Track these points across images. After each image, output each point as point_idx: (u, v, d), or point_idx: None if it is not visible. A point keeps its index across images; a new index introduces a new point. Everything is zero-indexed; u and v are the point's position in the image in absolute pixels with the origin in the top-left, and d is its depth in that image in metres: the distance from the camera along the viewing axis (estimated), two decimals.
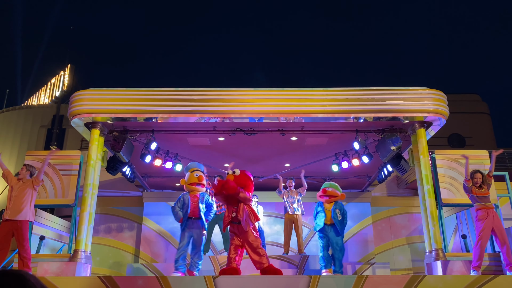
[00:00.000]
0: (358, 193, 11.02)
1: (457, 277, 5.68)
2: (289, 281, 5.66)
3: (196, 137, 8.11)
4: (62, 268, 6.03)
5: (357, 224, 10.63)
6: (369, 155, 7.80)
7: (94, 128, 7.25)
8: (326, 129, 7.68)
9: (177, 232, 10.56)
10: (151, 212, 10.70)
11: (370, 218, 10.66)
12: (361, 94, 7.06)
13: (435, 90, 7.18)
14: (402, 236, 10.58)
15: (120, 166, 7.97)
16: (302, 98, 7.04)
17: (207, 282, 5.55)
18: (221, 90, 7.18)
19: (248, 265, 7.74)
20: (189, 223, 6.54)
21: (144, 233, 10.51)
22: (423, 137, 7.22)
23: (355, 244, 10.47)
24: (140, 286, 5.56)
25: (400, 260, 10.32)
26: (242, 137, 7.87)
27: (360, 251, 10.37)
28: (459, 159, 7.40)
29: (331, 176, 10.08)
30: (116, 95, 7.13)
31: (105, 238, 10.54)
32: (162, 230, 10.58)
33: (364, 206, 10.79)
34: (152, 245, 10.42)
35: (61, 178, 7.17)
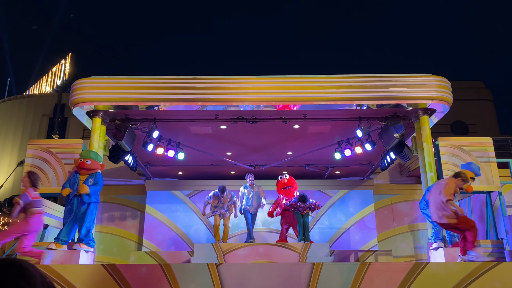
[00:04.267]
0: (360, 181, 11.01)
1: (460, 264, 5.69)
2: (292, 268, 5.69)
3: (198, 126, 8.08)
4: (66, 257, 6.06)
5: (359, 211, 10.64)
6: (372, 142, 7.77)
7: (96, 116, 7.23)
8: (329, 116, 7.65)
9: (180, 220, 10.62)
10: (154, 201, 10.73)
11: (372, 205, 10.67)
12: (364, 81, 7.00)
13: (439, 76, 7.11)
14: (404, 223, 10.59)
15: (123, 155, 7.96)
16: (305, 85, 6.99)
17: (210, 270, 5.58)
18: (223, 77, 7.14)
19: (251, 252, 7.78)
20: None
21: (147, 221, 10.55)
22: (426, 124, 7.18)
23: (357, 231, 10.50)
24: (143, 273, 5.59)
25: (403, 247, 10.36)
26: (244, 125, 7.84)
27: (362, 238, 10.41)
28: (463, 146, 7.36)
29: (333, 164, 10.07)
30: (117, 83, 7.10)
31: (108, 226, 10.59)
32: (165, 218, 10.62)
33: (366, 194, 10.79)
34: (155, 233, 10.46)
35: (64, 167, 7.18)
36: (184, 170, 10.68)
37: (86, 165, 6.36)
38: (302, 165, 10.25)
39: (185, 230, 10.55)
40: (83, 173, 6.36)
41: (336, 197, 10.84)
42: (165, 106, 7.22)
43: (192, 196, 10.83)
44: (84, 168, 6.33)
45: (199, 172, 10.65)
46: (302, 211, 8.31)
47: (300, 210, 8.30)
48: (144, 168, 10.11)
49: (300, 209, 8.31)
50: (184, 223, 10.63)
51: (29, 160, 7.26)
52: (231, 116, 7.61)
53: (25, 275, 0.85)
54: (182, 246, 10.25)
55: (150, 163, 10.10)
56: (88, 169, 6.33)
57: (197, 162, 10.04)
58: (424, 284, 5.47)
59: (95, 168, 6.39)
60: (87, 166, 6.37)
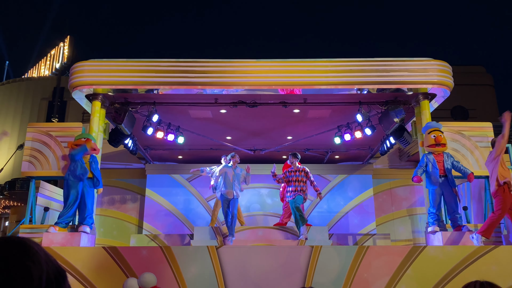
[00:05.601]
0: (360, 166, 11.06)
1: (457, 248, 5.75)
2: (291, 251, 5.75)
3: (197, 110, 8.07)
4: (67, 239, 6.12)
5: (358, 196, 10.69)
6: (371, 127, 7.77)
7: (95, 100, 7.21)
8: (329, 101, 7.63)
9: (180, 204, 10.68)
10: (154, 184, 10.77)
11: (371, 190, 10.72)
12: (364, 65, 6.97)
13: (440, 61, 7.08)
14: (403, 207, 10.65)
15: (122, 139, 7.96)
16: (305, 69, 6.97)
17: (210, 252, 5.64)
18: (223, 61, 7.11)
19: (250, 235, 7.85)
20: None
21: (147, 204, 10.61)
22: (426, 109, 7.17)
23: (356, 215, 10.58)
24: (144, 256, 5.66)
25: (401, 231, 10.45)
26: (244, 109, 7.83)
27: (361, 222, 10.48)
28: (463, 131, 7.36)
29: (333, 148, 10.08)
30: (117, 66, 7.07)
31: (109, 209, 10.64)
32: (165, 202, 10.67)
33: (365, 178, 10.83)
34: (155, 216, 10.53)
35: (63, 150, 7.18)
36: (184, 154, 10.69)
37: (80, 141, 6.40)
38: (302, 150, 10.26)
39: (185, 213, 10.61)
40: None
41: (335, 181, 10.88)
42: (164, 89, 7.20)
43: (192, 180, 10.87)
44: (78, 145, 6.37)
45: (199, 156, 10.67)
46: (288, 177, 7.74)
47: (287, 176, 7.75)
48: (144, 152, 10.12)
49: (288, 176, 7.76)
50: (184, 206, 10.69)
51: (29, 144, 7.27)
52: (231, 100, 7.59)
53: (29, 253, 0.86)
54: (182, 229, 10.33)
55: (150, 147, 10.11)
56: (77, 145, 6.36)
57: (197, 146, 10.05)
58: (421, 267, 5.55)
59: (81, 144, 6.38)
60: (81, 142, 6.38)
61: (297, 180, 7.73)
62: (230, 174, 7.63)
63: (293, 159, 7.97)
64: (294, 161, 7.94)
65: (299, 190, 7.65)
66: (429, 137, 6.49)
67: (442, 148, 6.45)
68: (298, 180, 7.73)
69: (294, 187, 7.69)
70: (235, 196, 7.54)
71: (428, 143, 6.50)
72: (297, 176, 7.76)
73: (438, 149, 6.43)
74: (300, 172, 7.80)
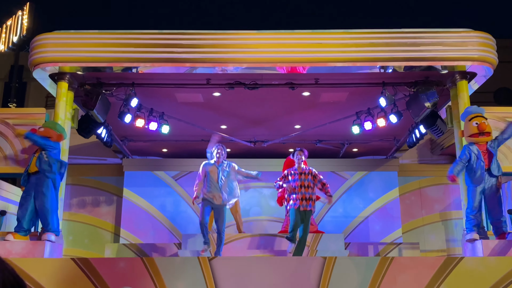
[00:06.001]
0: (383, 161, 11.05)
1: (500, 259, 5.76)
2: (299, 263, 5.77)
3: (186, 92, 8.06)
4: (29, 248, 6.14)
5: (381, 197, 10.70)
6: (398, 113, 7.76)
7: (61, 80, 7.19)
8: (346, 81, 7.61)
9: (165, 207, 10.70)
10: (133, 183, 10.79)
11: (397, 190, 10.73)
12: (390, 37, 6.95)
13: (481, 32, 7.05)
14: (435, 211, 10.66)
15: (94, 127, 7.97)
16: (317, 42, 6.94)
17: (202, 265, 5.66)
18: (217, 33, 7.09)
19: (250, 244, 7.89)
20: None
21: (125, 208, 10.64)
22: (465, 91, 7.15)
23: (378, 220, 10.60)
24: (121, 269, 5.67)
25: (432, 239, 10.47)
26: (243, 92, 7.82)
27: (384, 229, 10.52)
28: (508, 117, 7.34)
29: (351, 139, 10.08)
30: (87, 40, 7.05)
31: (79, 213, 10.67)
32: (146, 204, 10.70)
33: (390, 176, 10.84)
34: (135, 222, 10.56)
35: (23, 142, 7.18)
36: (170, 146, 10.69)
37: (38, 132, 6.41)
38: (312, 141, 10.25)
39: (172, 218, 10.65)
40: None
41: (353, 179, 10.89)
42: (145, 67, 7.20)
43: (179, 178, 10.88)
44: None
45: (188, 150, 10.68)
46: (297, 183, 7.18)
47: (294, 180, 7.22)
48: (121, 143, 10.13)
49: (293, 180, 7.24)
50: (170, 210, 10.72)
51: None
52: (227, 80, 7.58)
53: None
54: (167, 237, 10.37)
55: (128, 138, 10.11)
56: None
57: (185, 137, 10.04)
58: (457, 283, 5.56)
59: (48, 136, 6.41)
60: (39, 132, 6.41)
61: (303, 186, 7.20)
62: (215, 172, 7.12)
63: (300, 156, 7.42)
64: (300, 159, 7.38)
65: (307, 198, 7.16)
66: (470, 125, 6.46)
67: (487, 137, 6.41)
68: (304, 185, 7.20)
69: (301, 194, 7.17)
70: (223, 201, 7.06)
71: (469, 132, 6.47)
72: (303, 180, 7.23)
73: (482, 138, 6.40)
74: (306, 175, 7.27)
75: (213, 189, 7.05)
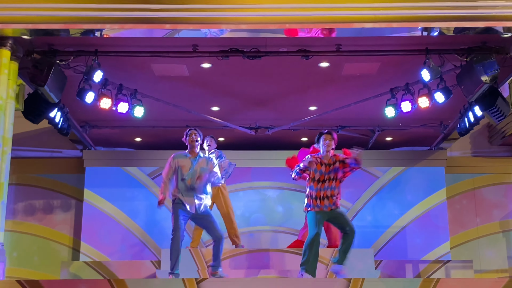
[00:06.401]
0: (426, 153, 11.03)
1: None
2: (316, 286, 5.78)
3: (166, 63, 8.03)
4: None
5: (423, 200, 10.72)
6: (445, 90, 7.71)
7: (1, 47, 7.15)
8: (377, 48, 7.57)
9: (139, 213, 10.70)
10: (97, 183, 10.77)
11: (443, 191, 10.71)
12: None
13: None
14: (494, 219, 10.65)
15: (46, 110, 7.94)
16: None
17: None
18: None
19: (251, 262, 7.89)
20: None
21: (86, 214, 10.62)
22: None
23: (419, 231, 10.60)
24: None
25: (490, 256, 10.47)
26: (241, 62, 7.77)
27: (426, 242, 10.51)
28: None
29: (383, 125, 10.06)
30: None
31: (26, 222, 10.68)
32: (114, 210, 10.69)
33: (434, 173, 10.82)
34: (99, 233, 10.56)
35: None
36: (144, 135, 10.67)
37: None
38: (333, 128, 10.22)
39: (148, 228, 10.65)
40: None
41: (386, 178, 10.89)
42: (112, 30, 7.16)
43: (156, 176, 10.87)
44: None
45: (168, 139, 10.64)
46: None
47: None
48: (81, 131, 10.10)
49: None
50: (145, 218, 10.73)
51: None
52: (219, 47, 7.53)
53: None
54: (143, 253, 10.39)
55: (90, 124, 10.09)
56: None
57: (165, 123, 10.02)
58: None
59: None
60: None
61: (329, 179, 7.19)
62: (187, 168, 6.95)
63: (329, 141, 7.00)
64: (329, 145, 7.01)
65: (328, 196, 7.02)
66: None
67: None
68: (330, 178, 7.14)
69: (324, 191, 7.05)
70: (197, 206, 6.84)
71: None
72: (330, 173, 6.94)
73: None
74: (333, 165, 6.95)
75: (186, 193, 6.94)
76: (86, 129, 10.18)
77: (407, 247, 10.47)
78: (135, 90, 8.58)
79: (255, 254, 8.10)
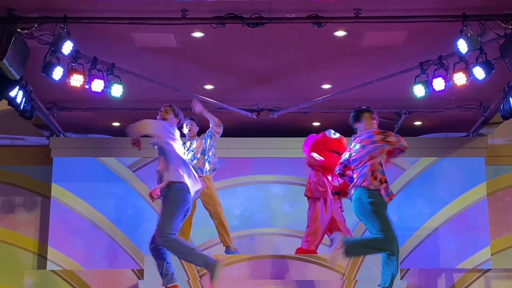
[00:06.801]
0: (462, 140, 11.07)
1: None
2: None
3: (149, 32, 8.05)
4: None
5: (458, 197, 10.77)
6: (486, 65, 7.70)
7: None
8: (404, 14, 7.56)
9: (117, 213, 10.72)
10: (67, 176, 10.81)
11: (483, 186, 10.75)
12: None
13: None
14: None
15: (5, 88, 7.98)
16: None
17: None
18: None
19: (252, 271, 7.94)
20: None
21: (54, 214, 10.65)
22: None
23: (453, 234, 10.65)
24: None
25: None
26: (240, 31, 7.79)
27: (463, 247, 10.56)
28: None
29: (411, 106, 10.10)
30: None
31: None
32: (88, 209, 10.71)
33: (473, 165, 10.86)
34: (70, 236, 10.60)
35: None
36: (124, 118, 10.67)
37: None
38: (350, 110, 10.21)
39: (127, 231, 10.70)
40: None
41: (414, 170, 10.94)
42: None
43: (138, 169, 10.91)
44: None
45: None
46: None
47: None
48: (47, 114, 10.13)
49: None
50: (125, 218, 10.77)
51: None
52: (214, 13, 7.51)
53: None
54: (122, 260, 10.43)
55: (58, 105, 10.10)
56: None
57: (148, 104, 9.98)
58: None
59: None
60: None
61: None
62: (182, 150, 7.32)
63: (374, 119, 7.14)
64: (371, 125, 7.10)
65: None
66: None
67: None
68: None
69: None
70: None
71: None
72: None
73: None
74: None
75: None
76: (53, 112, 10.19)
77: (439, 253, 10.50)
78: (112, 65, 8.58)
79: (257, 262, 8.11)
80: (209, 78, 9.50)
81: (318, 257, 8.10)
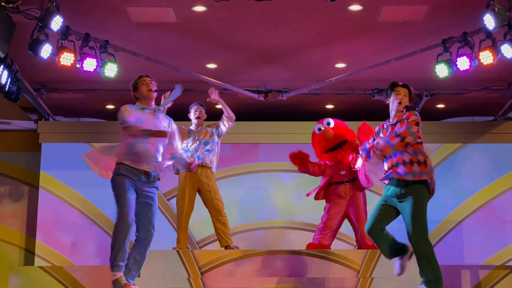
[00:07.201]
0: (489, 124, 11.07)
1: None
2: None
3: (146, 6, 8.04)
4: None
5: (485, 187, 10.79)
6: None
7: None
8: None
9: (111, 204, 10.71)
10: (57, 164, 10.85)
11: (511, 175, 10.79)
12: None
13: None
14: None
15: None
16: None
17: None
18: None
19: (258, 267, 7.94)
20: None
21: (43, 205, 10.70)
22: None
23: (479, 228, 10.66)
24: None
25: None
26: (245, 5, 7.75)
27: (490, 242, 10.59)
28: None
29: (433, 88, 10.09)
30: None
31: None
32: (79, 200, 10.76)
33: (501, 151, 10.88)
34: (60, 229, 10.64)
35: None
36: (119, 100, 10.65)
37: None
38: (366, 92, 10.23)
39: None
40: None
41: (437, 157, 10.93)
42: None
43: None
44: None
45: None
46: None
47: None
48: (35, 96, 10.13)
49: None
50: None
51: None
52: None
53: None
54: None
55: (47, 86, 10.12)
56: None
57: None
58: None
59: None
60: None
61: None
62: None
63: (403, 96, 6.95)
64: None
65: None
66: None
67: None
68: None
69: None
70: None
71: None
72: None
73: None
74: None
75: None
76: (42, 94, 10.21)
77: (464, 248, 10.51)
78: (106, 42, 8.59)
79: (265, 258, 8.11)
80: (212, 57, 9.50)
81: (331, 253, 8.10)
